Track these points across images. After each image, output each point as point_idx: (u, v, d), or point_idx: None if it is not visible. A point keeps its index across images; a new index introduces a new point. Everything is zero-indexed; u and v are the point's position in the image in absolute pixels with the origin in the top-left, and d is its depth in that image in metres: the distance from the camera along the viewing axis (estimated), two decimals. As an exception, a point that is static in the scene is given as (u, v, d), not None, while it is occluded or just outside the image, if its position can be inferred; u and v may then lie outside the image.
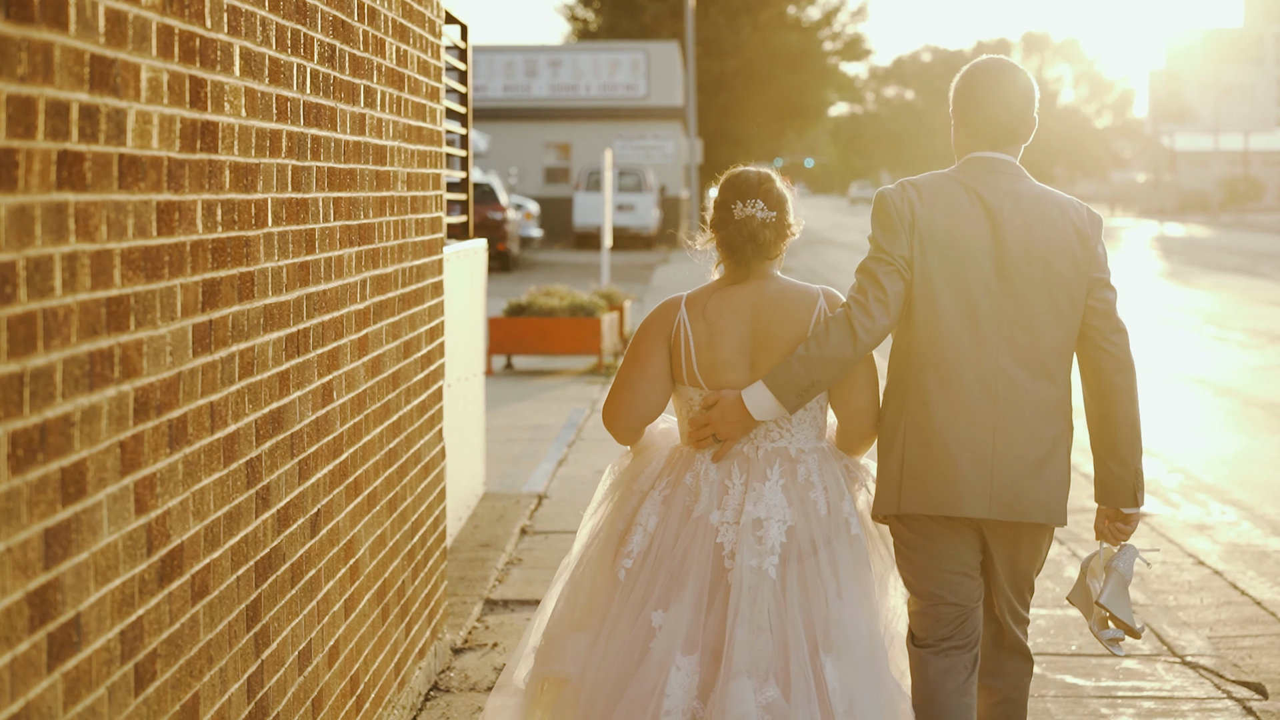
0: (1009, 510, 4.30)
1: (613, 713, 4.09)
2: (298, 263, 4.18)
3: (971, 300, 4.30)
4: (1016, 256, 4.31)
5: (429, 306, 6.19)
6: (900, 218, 4.32)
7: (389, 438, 5.42)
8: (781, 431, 4.30)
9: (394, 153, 5.49)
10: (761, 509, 4.19)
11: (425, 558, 6.15)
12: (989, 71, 4.44)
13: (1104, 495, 4.45)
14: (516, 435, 12.69)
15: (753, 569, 4.13)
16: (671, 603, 4.14)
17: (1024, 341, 4.31)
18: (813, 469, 4.27)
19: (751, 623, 4.08)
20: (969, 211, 4.33)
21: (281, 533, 4.04)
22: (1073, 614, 7.42)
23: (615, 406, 4.40)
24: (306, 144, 4.28)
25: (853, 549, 4.23)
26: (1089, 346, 4.41)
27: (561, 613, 4.34)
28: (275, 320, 3.96)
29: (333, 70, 4.57)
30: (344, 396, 4.73)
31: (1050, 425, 4.33)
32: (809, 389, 4.23)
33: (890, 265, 4.29)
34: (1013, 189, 4.38)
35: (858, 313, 4.24)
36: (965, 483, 4.27)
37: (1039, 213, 4.35)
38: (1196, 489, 11.07)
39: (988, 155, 4.41)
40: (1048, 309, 4.32)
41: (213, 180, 3.45)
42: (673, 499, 4.29)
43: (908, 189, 4.38)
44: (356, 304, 4.90)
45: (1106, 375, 4.40)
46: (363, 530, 5.01)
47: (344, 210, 4.73)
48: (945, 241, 4.31)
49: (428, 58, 6.21)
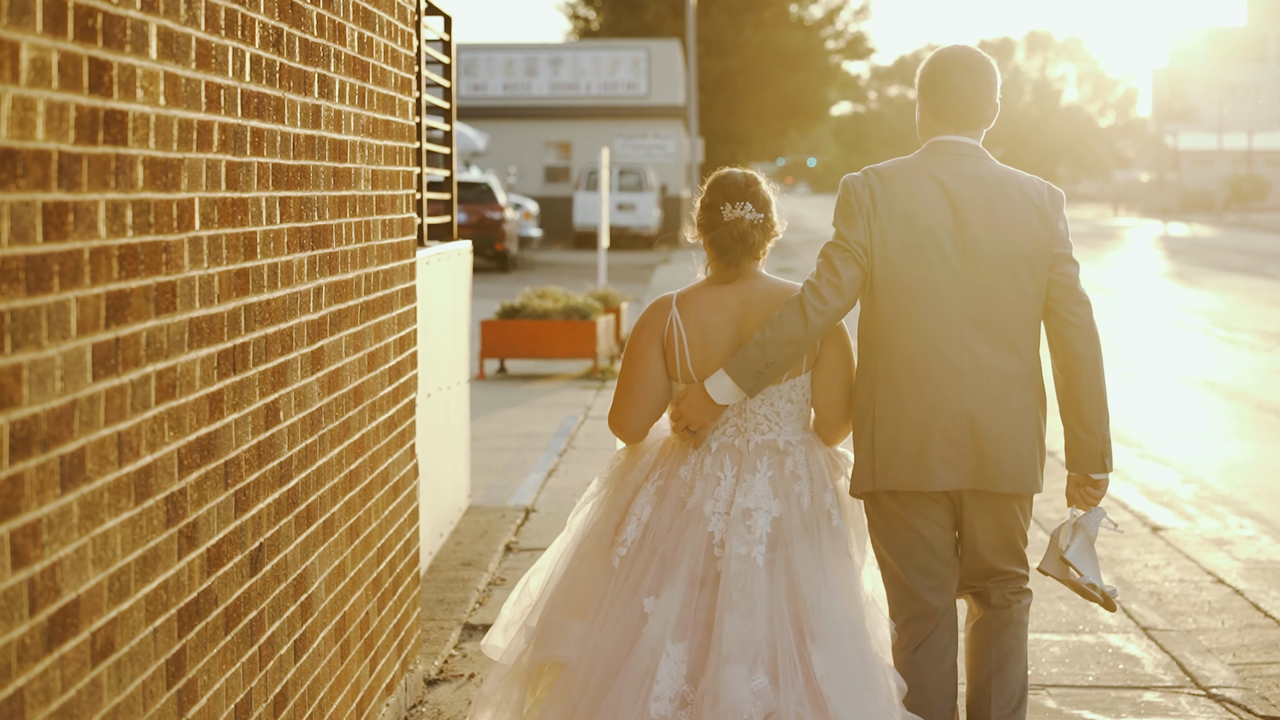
0: (980, 480, 4.49)
1: (607, 694, 4.21)
2: (233, 270, 3.74)
3: (935, 281, 4.46)
4: (978, 236, 4.48)
5: (398, 315, 5.75)
6: (860, 205, 4.50)
7: (350, 458, 4.98)
8: (770, 424, 4.46)
9: (356, 148, 5.05)
10: (750, 499, 4.34)
11: (394, 585, 5.71)
12: (954, 57, 4.63)
13: (1074, 462, 4.62)
14: (506, 444, 12.24)
15: (741, 557, 4.27)
16: (664, 590, 4.27)
17: (988, 318, 4.47)
18: (799, 461, 4.42)
19: (742, 609, 4.21)
20: (930, 194, 4.51)
21: (213, 574, 3.60)
22: (1087, 640, 6.98)
23: (620, 412, 4.54)
24: (245, 137, 3.84)
25: (834, 539, 4.38)
26: (1054, 319, 4.56)
27: (559, 601, 4.45)
28: (204, 335, 3.52)
29: (279, 56, 4.13)
30: (293, 417, 4.29)
31: (1018, 397, 4.50)
32: (764, 371, 4.37)
33: (847, 252, 4.47)
34: (974, 170, 4.55)
35: (810, 296, 4.40)
36: (937, 458, 4.46)
37: (999, 192, 4.53)
38: (1213, 500, 10.63)
39: (951, 139, 4.60)
40: (1010, 286, 4.49)
41: (120, 177, 3.01)
42: (667, 490, 4.43)
43: (870, 176, 4.56)
44: (309, 314, 4.46)
45: (1071, 346, 4.55)
46: (317, 562, 4.57)
47: (293, 211, 4.29)
48: (906, 225, 4.48)
49: (398, 47, 5.77)
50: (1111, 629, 7.17)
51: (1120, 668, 6.61)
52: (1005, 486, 4.50)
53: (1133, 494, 10.82)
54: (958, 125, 4.61)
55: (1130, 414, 14.50)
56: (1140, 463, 12.05)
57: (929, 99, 4.65)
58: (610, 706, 4.20)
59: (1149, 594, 8.01)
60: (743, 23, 63.66)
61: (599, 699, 4.22)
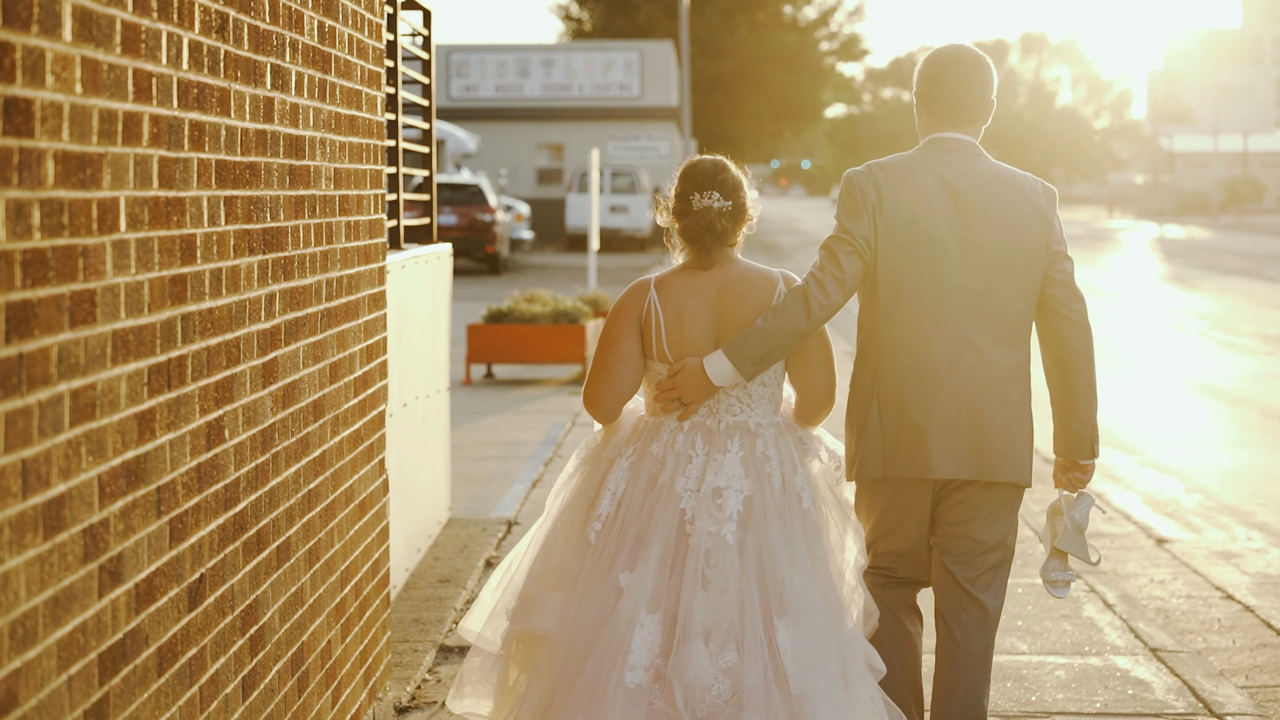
0: (977, 470, 4.57)
1: (585, 666, 4.28)
2: (168, 276, 3.41)
3: (937, 275, 4.54)
4: (980, 232, 4.56)
5: (364, 322, 5.42)
6: (864, 199, 4.57)
7: (309, 477, 4.65)
8: (742, 406, 4.53)
9: (316, 144, 4.72)
10: (721, 479, 4.40)
11: (360, 609, 5.38)
12: (950, 55, 4.72)
13: (1065, 449, 4.74)
14: (490, 452, 11.90)
15: (711, 534, 4.34)
16: (637, 564, 4.35)
17: (988, 312, 4.56)
18: (769, 443, 4.48)
19: (715, 585, 4.28)
20: (933, 190, 4.58)
21: (142, 611, 3.27)
22: (1094, 663, 6.65)
23: (594, 389, 4.60)
24: (183, 130, 3.51)
25: (804, 520, 4.42)
26: (1051, 315, 4.66)
27: (536, 574, 4.52)
28: (131, 349, 3.18)
29: (223, 44, 3.80)
30: (241, 434, 3.96)
31: (1015, 389, 4.61)
32: (764, 358, 4.45)
33: (850, 245, 4.54)
34: (974, 167, 4.64)
35: (814, 289, 4.47)
36: (936, 447, 4.55)
37: (999, 189, 4.61)
38: (1218, 511, 10.31)
39: (949, 135, 4.67)
40: (1009, 281, 4.58)
41: (24, 173, 2.67)
42: (640, 466, 4.50)
43: (874, 171, 4.63)
44: (260, 323, 4.13)
45: (1069, 342, 4.65)
46: (269, 590, 4.23)
47: (241, 211, 3.96)
48: (910, 220, 4.55)
49: (365, 38, 5.45)
50: (1119, 650, 6.84)
51: (1129, 693, 6.28)
52: (1004, 476, 4.59)
53: (1136, 504, 10.50)
54: (955, 122, 4.68)
55: (1131, 420, 14.18)
56: (1143, 471, 11.73)
57: (926, 97, 4.72)
58: (589, 676, 4.27)
59: (1156, 611, 7.69)
60: (736, 24, 63.33)
61: (579, 670, 4.30)
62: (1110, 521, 9.86)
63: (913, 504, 4.67)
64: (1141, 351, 19.90)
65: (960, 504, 4.66)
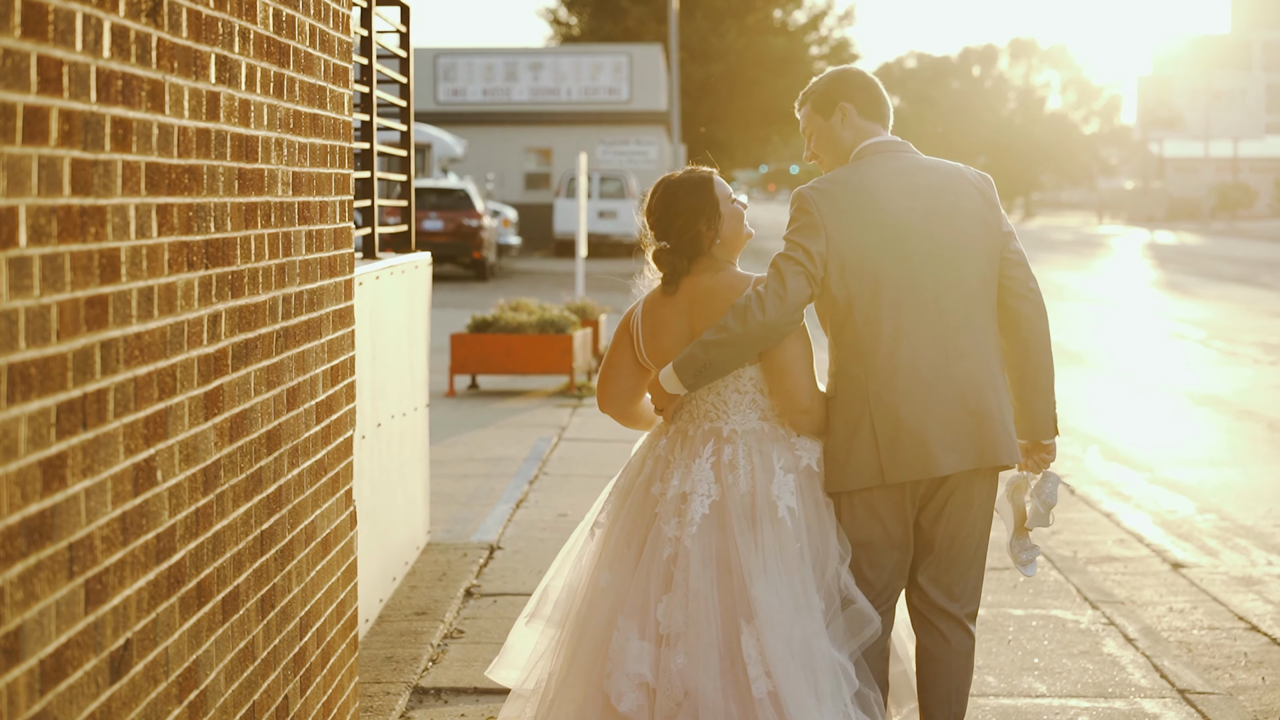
0: (981, 458, 4.59)
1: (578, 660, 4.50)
2: (81, 298, 2.92)
3: (908, 276, 4.56)
4: (940, 226, 4.61)
5: (328, 341, 4.94)
6: (820, 214, 4.57)
7: (261, 517, 4.17)
8: (718, 413, 4.64)
9: (270, 146, 4.24)
10: (688, 484, 4.54)
11: (322, 658, 4.89)
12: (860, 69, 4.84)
13: (1028, 430, 4.76)
14: (473, 469, 11.38)
15: (673, 540, 4.47)
16: (616, 566, 4.55)
17: (960, 304, 4.60)
18: (740, 451, 4.55)
19: (679, 591, 4.39)
20: (889, 192, 4.62)
21: (48, 691, 2.79)
22: (1119, 706, 6.17)
23: (600, 391, 4.88)
24: (103, 128, 3.02)
25: (777, 528, 4.45)
26: (1010, 296, 4.70)
27: (555, 570, 4.76)
28: (31, 384, 2.70)
29: (155, 29, 3.32)
30: (177, 476, 3.47)
31: (998, 374, 4.66)
32: (703, 369, 4.54)
33: (798, 266, 4.54)
34: (919, 163, 4.71)
35: (754, 305, 4.50)
36: (940, 445, 4.55)
37: (946, 181, 4.68)
38: (1234, 533, 9.84)
39: (886, 139, 4.74)
40: (974, 270, 4.63)
41: (-116, 177, 2.19)
42: (638, 472, 4.71)
43: (826, 185, 4.65)
44: (201, 347, 3.65)
45: (1029, 320, 4.70)
46: (213, 649, 3.75)
47: (178, 221, 3.48)
48: (872, 227, 4.57)
49: (329, 29, 4.97)
50: (1145, 692, 6.37)
51: (1159, 742, 5.81)
52: (1003, 459, 4.64)
53: (1148, 525, 10.05)
54: (886, 123, 4.80)
55: (1136, 433, 13.73)
56: (1152, 489, 11.27)
57: (861, 101, 4.77)
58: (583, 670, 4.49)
59: (1178, 644, 7.22)
60: (726, 28, 62.85)
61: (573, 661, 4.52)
62: (1123, 544, 9.40)
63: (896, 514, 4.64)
64: (1141, 362, 19.45)
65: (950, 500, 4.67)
